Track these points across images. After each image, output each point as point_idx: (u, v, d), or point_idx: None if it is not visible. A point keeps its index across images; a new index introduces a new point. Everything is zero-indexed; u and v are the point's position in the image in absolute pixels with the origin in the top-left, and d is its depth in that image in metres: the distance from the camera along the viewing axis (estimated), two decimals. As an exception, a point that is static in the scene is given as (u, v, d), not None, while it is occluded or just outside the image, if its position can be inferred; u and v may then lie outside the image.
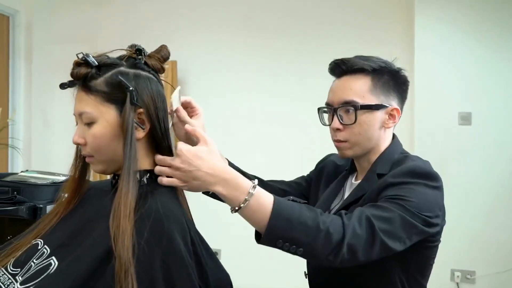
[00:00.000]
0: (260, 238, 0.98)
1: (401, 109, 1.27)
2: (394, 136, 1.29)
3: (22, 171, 1.94)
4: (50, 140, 3.59)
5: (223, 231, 3.07)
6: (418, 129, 3.08)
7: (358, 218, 1.00)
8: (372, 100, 1.20)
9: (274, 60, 3.46)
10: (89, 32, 3.53)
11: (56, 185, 1.79)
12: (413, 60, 3.12)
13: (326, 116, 1.30)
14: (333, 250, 0.96)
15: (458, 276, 3.06)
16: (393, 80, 1.24)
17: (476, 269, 3.05)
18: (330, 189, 1.34)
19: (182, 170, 0.96)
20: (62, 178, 1.87)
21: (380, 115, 1.21)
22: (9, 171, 3.30)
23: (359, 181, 1.27)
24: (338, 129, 1.23)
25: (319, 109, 1.30)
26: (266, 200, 0.96)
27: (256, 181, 0.98)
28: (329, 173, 1.42)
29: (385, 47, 3.23)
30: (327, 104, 1.27)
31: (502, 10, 3.05)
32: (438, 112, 3.11)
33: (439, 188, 1.13)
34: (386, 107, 1.22)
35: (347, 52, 3.20)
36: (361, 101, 1.20)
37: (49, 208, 1.69)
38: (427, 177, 1.12)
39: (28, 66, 3.47)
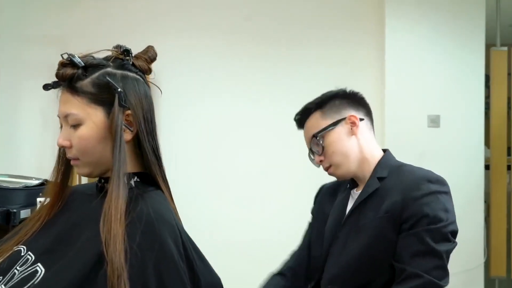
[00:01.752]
0: None
1: (367, 115, 1.42)
2: (386, 150, 1.44)
3: (-8, 175, 1.88)
4: (15, 143, 3.48)
5: (209, 235, 3.04)
6: (389, 131, 3.14)
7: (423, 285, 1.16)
8: (326, 123, 1.37)
9: (243, 61, 3.44)
10: (59, 33, 3.43)
11: (29, 189, 1.75)
12: (384, 63, 3.19)
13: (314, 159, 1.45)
14: None
15: (427, 275, 3.13)
16: (338, 99, 1.40)
17: (446, 267, 3.13)
18: (336, 207, 1.45)
19: None
20: (35, 182, 1.82)
21: (341, 128, 1.37)
22: (-26, 175, 3.18)
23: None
24: (321, 161, 1.39)
25: (309, 156, 1.45)
26: None
27: None
28: (327, 196, 1.54)
29: (357, 52, 3.31)
30: (309, 149, 1.44)
31: (471, 15, 3.15)
32: (407, 115, 3.17)
33: (448, 192, 1.28)
34: (341, 120, 1.37)
35: (318, 55, 3.27)
36: (318, 130, 1.37)
37: (22, 212, 1.65)
38: (439, 183, 1.27)
39: (-6, 68, 3.36)
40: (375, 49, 3.27)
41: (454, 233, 1.23)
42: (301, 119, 1.44)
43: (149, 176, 1.01)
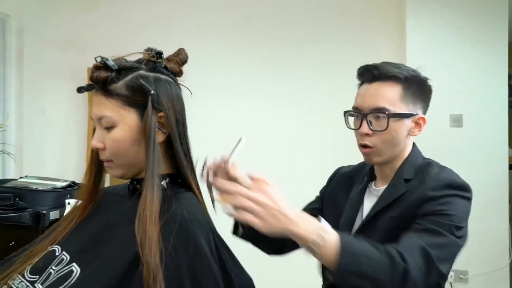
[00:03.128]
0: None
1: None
2: (413, 143, 1.33)
3: (21, 177, 1.91)
4: (42, 145, 3.54)
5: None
6: (411, 131, 3.12)
7: (414, 249, 1.04)
8: (402, 108, 1.22)
9: (266, 63, 3.45)
10: (81, 36, 3.49)
11: (57, 191, 1.77)
12: (405, 62, 3.16)
13: (351, 119, 1.30)
14: (399, 284, 0.99)
15: (451, 276, 3.09)
16: (420, 89, 1.27)
17: (469, 269, 3.09)
18: (352, 200, 1.35)
19: (266, 207, 0.91)
20: (63, 184, 1.85)
21: (408, 123, 1.24)
22: (1, 177, 3.24)
23: (382, 187, 1.29)
24: (367, 134, 1.24)
25: (345, 112, 1.30)
26: (333, 239, 0.97)
27: (321, 219, 1.00)
28: (342, 183, 1.44)
29: (377, 51, 3.29)
30: (355, 108, 1.27)
31: (493, 13, 3.11)
32: (430, 114, 3.11)
33: (470, 199, 1.20)
34: (414, 115, 1.25)
35: (339, 56, 3.25)
36: (392, 108, 1.21)
37: (52, 214, 1.68)
38: (462, 189, 1.18)
39: (19, 71, 3.43)
40: (396, 48, 3.25)
41: (462, 238, 1.15)
42: (377, 76, 1.24)
43: (180, 177, 1.03)
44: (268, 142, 3.42)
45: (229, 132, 3.42)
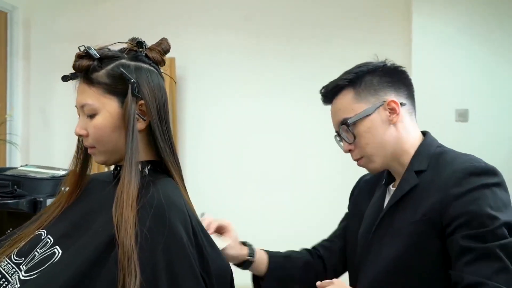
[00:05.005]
0: None
1: (409, 96, 1.23)
2: (426, 133, 1.25)
3: (21, 166, 1.94)
4: (48, 136, 3.60)
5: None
6: (415, 125, 3.10)
7: None
8: (361, 107, 1.18)
9: (272, 60, 3.47)
10: (89, 30, 3.53)
11: (56, 179, 1.79)
12: (410, 57, 3.14)
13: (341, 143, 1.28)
14: None
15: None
16: (376, 77, 1.20)
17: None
18: (372, 207, 1.27)
19: None
20: (62, 173, 1.87)
21: (377, 116, 1.18)
22: (7, 166, 3.30)
23: None
24: (350, 150, 1.21)
25: (335, 137, 1.29)
26: None
27: None
28: (364, 192, 1.36)
29: (383, 45, 3.26)
30: (336, 131, 1.26)
31: (498, 8, 3.07)
32: (435, 109, 3.12)
33: (500, 184, 1.08)
34: (379, 106, 1.18)
35: (346, 52, 3.26)
36: (350, 115, 1.18)
37: (49, 201, 1.70)
38: (486, 174, 1.07)
39: (26, 63, 3.48)
40: (402, 40, 3.23)
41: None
42: (330, 96, 1.23)
43: (162, 164, 1.04)
44: (278, 142, 3.44)
45: (233, 131, 3.47)
